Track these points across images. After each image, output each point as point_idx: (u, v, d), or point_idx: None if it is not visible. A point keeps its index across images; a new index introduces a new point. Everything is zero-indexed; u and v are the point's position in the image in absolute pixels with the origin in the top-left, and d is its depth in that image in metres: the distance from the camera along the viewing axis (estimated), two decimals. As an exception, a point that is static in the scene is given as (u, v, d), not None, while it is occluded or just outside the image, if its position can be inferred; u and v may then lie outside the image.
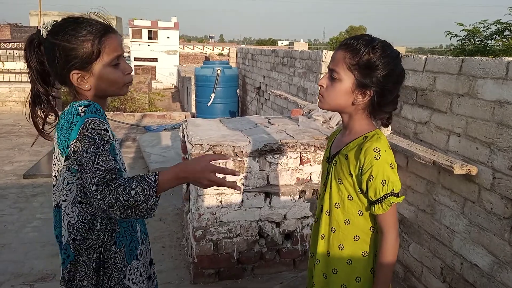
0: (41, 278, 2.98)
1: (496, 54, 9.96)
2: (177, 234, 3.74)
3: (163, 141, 6.77)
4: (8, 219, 3.94)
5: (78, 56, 1.22)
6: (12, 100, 10.10)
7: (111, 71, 1.27)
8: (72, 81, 1.25)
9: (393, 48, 1.31)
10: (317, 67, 4.67)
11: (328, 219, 1.42)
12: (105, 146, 1.15)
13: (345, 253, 1.39)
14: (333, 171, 1.40)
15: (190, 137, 2.86)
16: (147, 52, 36.23)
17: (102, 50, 1.24)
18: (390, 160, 1.28)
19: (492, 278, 2.18)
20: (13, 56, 11.90)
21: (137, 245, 1.41)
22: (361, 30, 73.60)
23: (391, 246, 1.31)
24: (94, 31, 1.24)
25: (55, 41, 1.22)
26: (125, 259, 1.34)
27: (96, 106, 1.22)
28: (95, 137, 1.14)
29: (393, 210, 1.31)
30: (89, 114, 1.18)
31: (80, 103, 1.23)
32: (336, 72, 1.30)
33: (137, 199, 1.08)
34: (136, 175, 1.15)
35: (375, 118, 1.37)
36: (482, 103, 2.25)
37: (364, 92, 1.29)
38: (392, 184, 1.27)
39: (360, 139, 1.33)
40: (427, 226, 2.69)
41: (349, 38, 1.33)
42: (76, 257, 1.26)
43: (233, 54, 9.50)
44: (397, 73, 1.30)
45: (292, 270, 3.11)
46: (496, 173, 2.15)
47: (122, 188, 1.09)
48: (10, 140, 7.03)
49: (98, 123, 1.16)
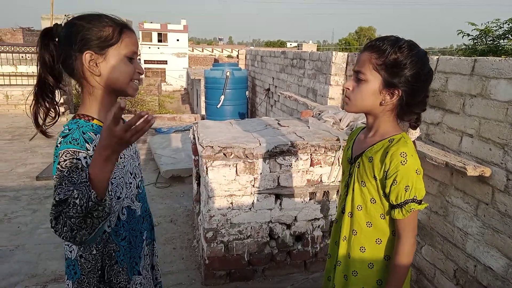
0: (54, 279, 3.01)
1: (509, 54, 9.83)
2: (188, 235, 3.76)
3: (173, 143, 6.81)
4: (22, 221, 3.99)
5: (97, 36, 1.19)
6: (25, 103, 10.25)
7: (125, 62, 1.24)
8: (84, 62, 1.20)
9: (420, 47, 1.28)
10: (326, 68, 4.66)
11: (350, 221, 1.41)
12: (73, 178, 1.08)
13: (367, 255, 1.37)
14: (356, 173, 1.38)
15: (200, 139, 2.87)
16: (157, 55, 36.56)
17: (121, 39, 1.23)
18: (417, 166, 1.25)
19: (506, 281, 2.15)
20: (26, 60, 12.07)
21: (138, 261, 1.39)
22: (370, 31, 73.18)
23: (407, 252, 1.29)
24: (116, 22, 1.24)
25: (77, 21, 1.20)
26: (128, 276, 1.33)
27: (74, 136, 1.15)
28: (64, 169, 1.09)
29: (413, 217, 1.29)
30: (63, 146, 1.12)
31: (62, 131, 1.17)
32: (362, 73, 1.28)
33: (82, 204, 1.01)
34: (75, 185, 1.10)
35: (403, 120, 1.34)
36: (495, 103, 2.23)
37: (392, 92, 1.27)
38: (416, 191, 1.24)
39: (386, 141, 1.31)
40: (440, 228, 2.66)
41: (373, 40, 1.31)
42: (82, 276, 1.25)
43: (242, 56, 9.52)
44: (426, 72, 1.28)
45: (302, 272, 3.11)
46: (510, 175, 2.12)
47: (68, 203, 1.02)
48: (23, 142, 7.13)
49: (71, 154, 1.11)
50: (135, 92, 1.31)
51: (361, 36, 71.14)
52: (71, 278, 1.27)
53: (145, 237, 1.44)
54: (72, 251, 1.25)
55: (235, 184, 2.80)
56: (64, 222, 1.02)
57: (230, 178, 2.78)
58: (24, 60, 12.17)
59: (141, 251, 1.41)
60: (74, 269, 1.26)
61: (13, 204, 4.39)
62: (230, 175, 2.78)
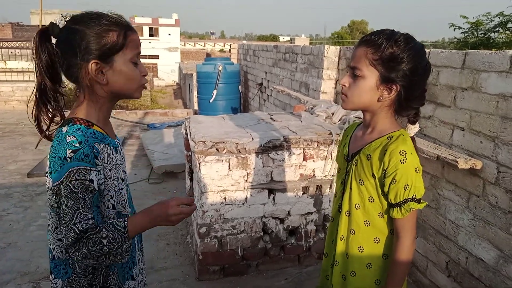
0: (47, 276, 2.99)
1: (500, 47, 9.90)
2: (181, 231, 3.75)
3: (166, 138, 6.77)
4: (14, 218, 3.96)
5: (102, 44, 1.14)
6: (15, 99, 10.13)
7: (132, 67, 1.21)
8: (90, 71, 1.15)
9: (416, 40, 1.26)
10: (319, 62, 4.66)
11: (347, 220, 1.38)
12: (86, 201, 1.11)
13: (365, 255, 1.36)
14: (353, 171, 1.35)
15: (193, 134, 2.86)
16: (149, 50, 36.24)
17: (126, 43, 1.18)
18: (416, 164, 1.24)
19: (497, 272, 2.18)
20: (15, 55, 11.92)
21: (131, 265, 1.37)
22: (362, 24, 73.20)
23: (406, 251, 1.27)
24: (119, 24, 1.18)
25: (78, 27, 1.14)
26: (119, 281, 1.31)
27: (85, 151, 1.13)
28: (77, 190, 1.09)
29: (412, 216, 1.27)
30: (75, 163, 1.10)
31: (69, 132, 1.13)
32: (358, 69, 1.25)
33: (110, 247, 1.12)
34: (104, 224, 1.15)
35: (402, 115, 1.32)
36: (486, 96, 2.24)
37: (390, 87, 1.24)
38: (415, 190, 1.23)
39: (384, 138, 1.29)
40: (432, 221, 2.69)
41: (368, 34, 1.28)
42: (73, 275, 1.23)
43: (235, 50, 9.47)
44: (423, 65, 1.25)
45: (296, 266, 3.12)
46: (500, 167, 2.14)
47: (93, 239, 1.10)
48: (14, 139, 7.06)
49: (83, 173, 1.11)
50: (140, 93, 1.29)
51: (353, 29, 71.15)
52: (60, 276, 1.26)
53: (136, 241, 1.42)
54: (63, 252, 1.23)
55: (228, 179, 2.80)
56: (80, 248, 1.10)
57: (223, 173, 2.78)
58: (14, 55, 12.02)
59: (134, 256, 1.39)
60: (65, 269, 1.24)
61: (4, 202, 4.35)
62: (223, 170, 2.77)
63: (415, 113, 1.33)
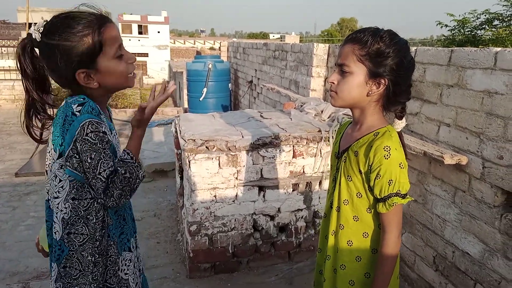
0: (36, 276, 2.97)
1: (486, 44, 10.04)
2: (172, 229, 3.75)
3: (156, 137, 6.75)
4: (2, 218, 3.92)
5: (81, 54, 1.16)
6: (1, 98, 9.99)
7: (116, 63, 1.24)
8: (79, 81, 1.20)
9: (400, 36, 1.29)
10: (308, 60, 4.68)
11: (337, 216, 1.42)
12: (106, 151, 1.19)
13: (354, 248, 1.39)
14: (342, 168, 1.38)
15: (182, 132, 2.86)
16: (138, 47, 35.94)
17: (104, 42, 1.19)
18: (401, 159, 1.26)
19: (483, 265, 2.22)
20: (1, 54, 11.75)
21: (129, 237, 1.41)
22: (352, 22, 73.50)
23: (392, 245, 1.30)
24: (91, 24, 1.18)
25: (52, 42, 1.15)
26: (117, 250, 1.34)
27: (91, 105, 1.19)
28: (96, 141, 1.16)
29: (397, 210, 1.29)
30: (85, 115, 1.16)
31: (74, 100, 1.20)
32: (346, 66, 1.28)
33: (132, 177, 1.25)
34: (116, 163, 1.25)
35: (389, 110, 1.35)
36: (471, 93, 2.28)
37: (378, 82, 1.27)
38: (399, 185, 1.25)
39: (371, 135, 1.31)
40: (419, 216, 2.73)
41: (353, 32, 1.31)
42: (70, 252, 1.26)
43: (225, 48, 9.45)
44: (409, 59, 1.29)
45: (287, 263, 3.14)
46: (485, 163, 2.18)
47: (119, 179, 1.20)
48: (1, 138, 6.97)
49: (96, 125, 1.16)
50: (133, 81, 1.34)
51: (343, 27, 71.39)
52: (55, 260, 1.28)
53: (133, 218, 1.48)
54: (57, 233, 1.27)
55: (218, 177, 2.81)
56: (114, 192, 1.20)
57: (213, 171, 2.79)
58: (0, 54, 11.84)
59: (132, 229, 1.44)
60: (61, 248, 1.26)
61: (-8, 202, 4.30)
62: (213, 168, 2.78)
63: (402, 108, 1.37)
